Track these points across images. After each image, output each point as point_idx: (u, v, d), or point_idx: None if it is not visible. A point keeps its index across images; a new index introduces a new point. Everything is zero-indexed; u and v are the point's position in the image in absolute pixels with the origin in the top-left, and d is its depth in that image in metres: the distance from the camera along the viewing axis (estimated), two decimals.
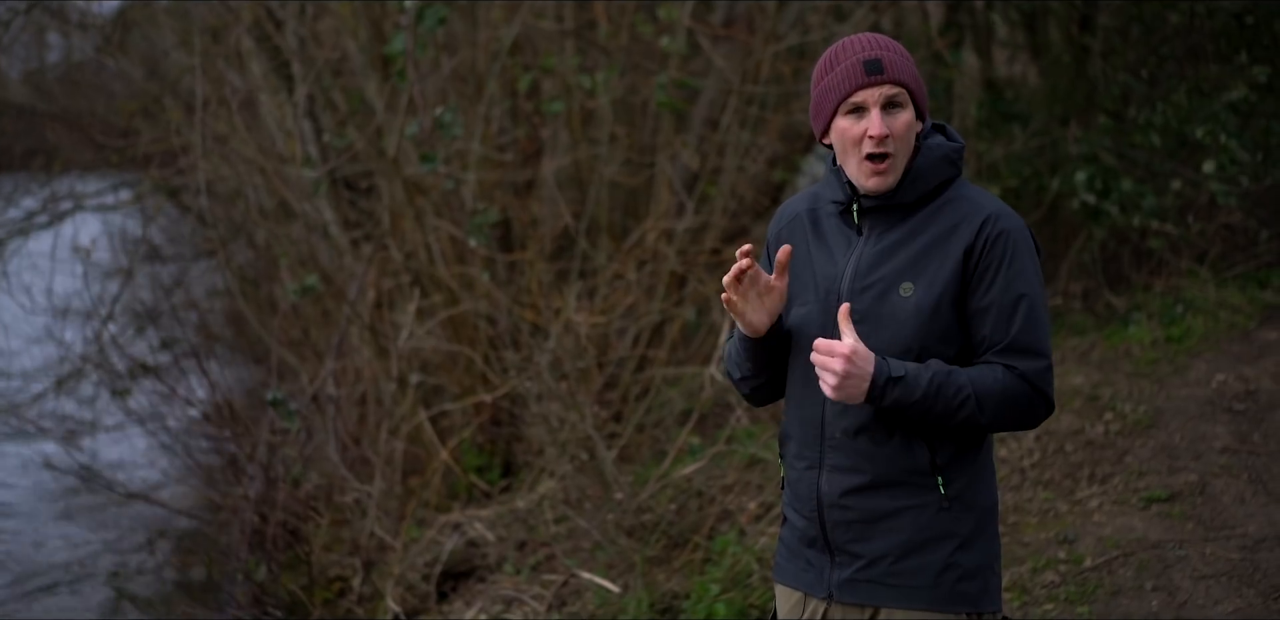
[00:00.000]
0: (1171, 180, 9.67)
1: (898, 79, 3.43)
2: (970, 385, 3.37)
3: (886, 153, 3.44)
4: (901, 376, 3.33)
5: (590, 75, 9.36)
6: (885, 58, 3.44)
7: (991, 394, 3.38)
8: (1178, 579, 6.07)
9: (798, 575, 3.67)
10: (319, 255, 10.11)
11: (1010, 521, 6.78)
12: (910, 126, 3.46)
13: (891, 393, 3.33)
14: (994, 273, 3.43)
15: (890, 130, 3.42)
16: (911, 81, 3.46)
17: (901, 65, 3.45)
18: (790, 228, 3.71)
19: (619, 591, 6.86)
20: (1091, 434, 7.43)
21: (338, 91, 10.10)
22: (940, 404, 3.35)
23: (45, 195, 13.18)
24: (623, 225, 9.90)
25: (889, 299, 3.46)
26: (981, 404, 3.36)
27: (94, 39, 13.77)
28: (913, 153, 3.51)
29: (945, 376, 3.36)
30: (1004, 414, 3.41)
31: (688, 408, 8.52)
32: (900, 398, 3.34)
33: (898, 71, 3.43)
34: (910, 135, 3.47)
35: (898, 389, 3.33)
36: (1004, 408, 3.40)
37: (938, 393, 3.34)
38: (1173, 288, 9.29)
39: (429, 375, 9.34)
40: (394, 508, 8.33)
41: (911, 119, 3.46)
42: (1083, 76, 10.65)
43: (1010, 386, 3.40)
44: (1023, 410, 3.44)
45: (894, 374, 3.33)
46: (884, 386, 3.33)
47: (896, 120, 3.44)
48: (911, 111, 3.47)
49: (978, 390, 3.37)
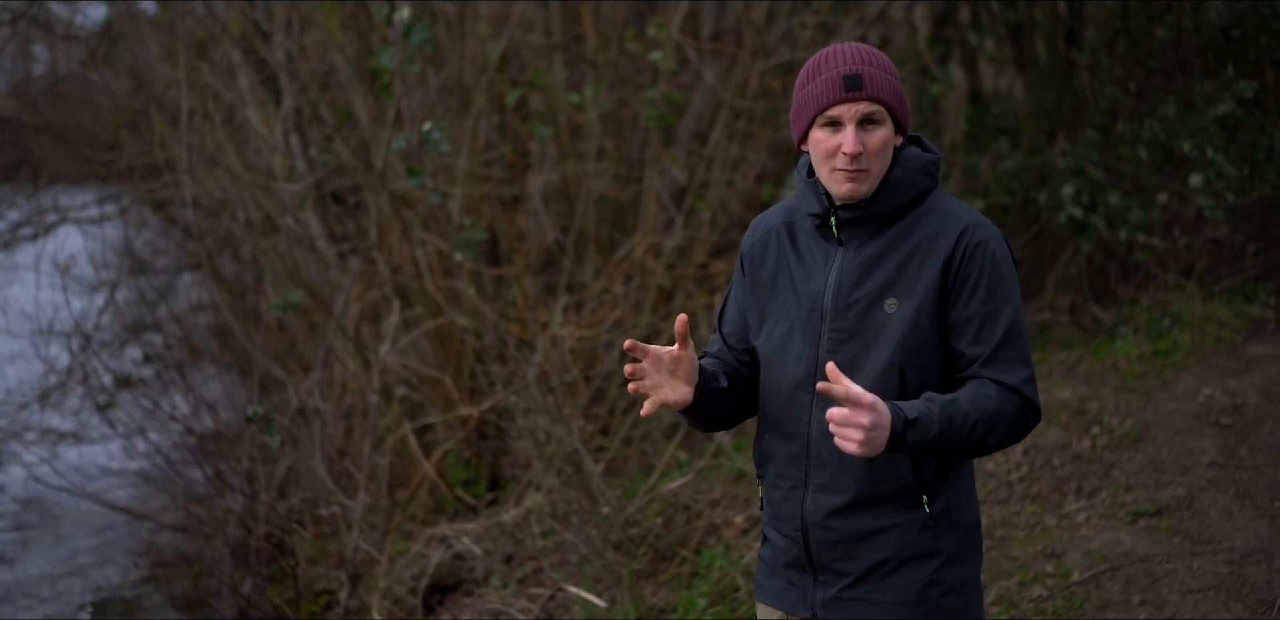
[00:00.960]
0: (1158, 194, 9.69)
1: (876, 96, 3.41)
2: (975, 410, 3.32)
3: (858, 169, 3.42)
4: (916, 418, 3.25)
5: (578, 91, 9.36)
6: (866, 73, 3.41)
7: (990, 413, 3.34)
8: (1165, 593, 6.06)
9: (779, 595, 3.66)
10: (305, 269, 10.09)
11: (998, 535, 6.78)
12: (886, 143, 3.44)
13: (910, 436, 3.25)
14: (974, 284, 3.42)
15: (864, 147, 3.41)
16: (891, 98, 3.44)
17: (882, 81, 3.43)
18: (764, 241, 3.70)
19: (605, 605, 6.84)
20: (1079, 448, 7.43)
21: (325, 105, 10.09)
22: (954, 436, 3.30)
23: (30, 208, 13.16)
24: (610, 239, 9.89)
25: (874, 316, 3.44)
26: (989, 426, 3.33)
27: (80, 51, 13.76)
28: (890, 164, 3.50)
29: (951, 407, 3.31)
30: (1005, 433, 3.38)
31: (675, 421, 8.51)
32: (918, 439, 3.26)
33: (877, 88, 3.41)
34: (885, 151, 3.45)
35: (915, 431, 3.25)
36: (1003, 424, 3.37)
37: (949, 424, 3.28)
38: (1159, 302, 9.30)
39: (414, 389, 9.32)
40: (380, 521, 8.30)
41: (888, 135, 3.44)
42: (1070, 90, 10.67)
43: (1003, 402, 3.38)
44: (1017, 423, 3.41)
45: (909, 417, 3.25)
46: (903, 431, 3.24)
47: (872, 137, 3.42)
48: (889, 128, 3.45)
49: (982, 412, 3.33)
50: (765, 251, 3.67)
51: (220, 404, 10.68)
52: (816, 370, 3.47)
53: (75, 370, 11.76)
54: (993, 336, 3.41)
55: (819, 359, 3.46)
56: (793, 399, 3.54)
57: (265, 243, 10.47)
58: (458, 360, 9.13)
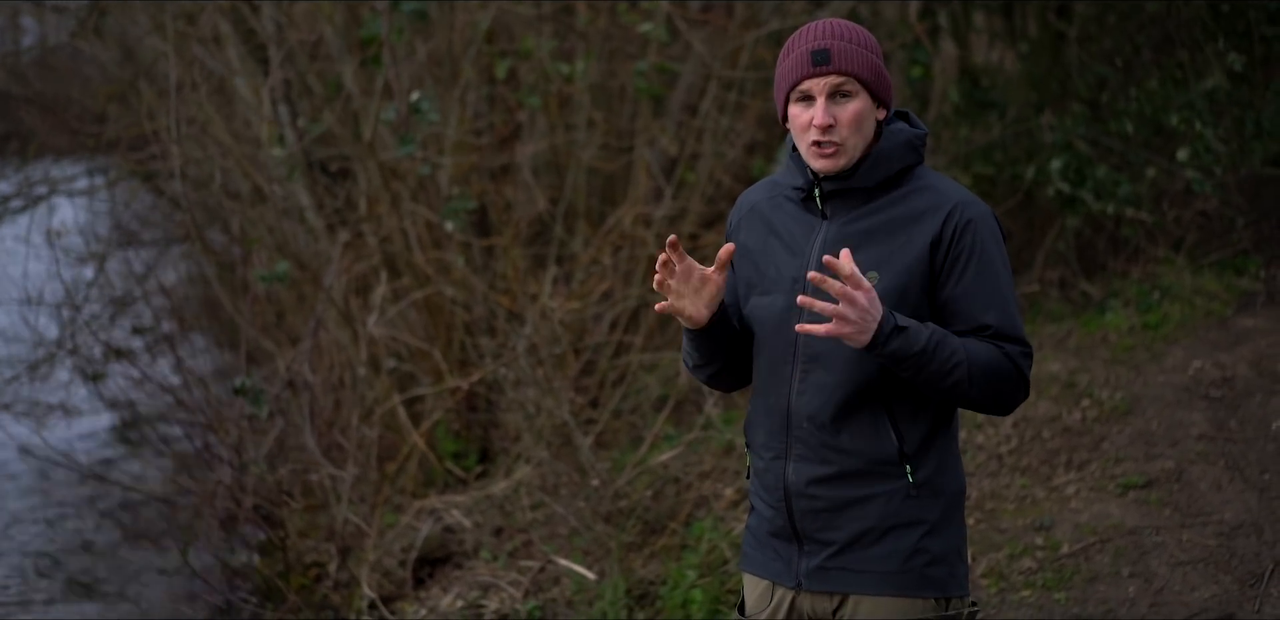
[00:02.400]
0: (1146, 168, 9.67)
1: (844, 69, 3.42)
2: (964, 351, 3.36)
3: (831, 141, 3.44)
4: (905, 327, 3.30)
5: (568, 62, 9.33)
6: (835, 47, 3.43)
7: (982, 362, 3.37)
8: (1154, 565, 6.09)
9: (765, 565, 3.68)
10: (294, 240, 10.07)
11: (987, 508, 6.79)
12: (859, 115, 3.46)
13: (893, 341, 3.30)
14: (964, 262, 3.44)
15: (836, 119, 3.43)
16: (862, 70, 3.45)
17: (852, 54, 3.44)
18: (750, 216, 3.73)
19: (595, 578, 6.86)
20: (1069, 421, 7.44)
21: (313, 76, 10.05)
22: (935, 363, 3.33)
23: (19, 180, 13.13)
24: (600, 211, 9.87)
25: None
26: (972, 371, 3.36)
27: (69, 23, 13.69)
28: (874, 138, 3.52)
29: (943, 336, 3.35)
30: (990, 387, 3.40)
31: (664, 394, 8.51)
32: (899, 349, 3.30)
33: (846, 62, 3.43)
34: (860, 123, 3.46)
35: (899, 339, 3.30)
36: (991, 380, 3.39)
37: (935, 350, 3.32)
38: (1149, 275, 9.29)
39: (403, 361, 9.31)
40: (369, 494, 8.30)
41: (861, 108, 3.46)
42: (1059, 64, 10.64)
43: (999, 361, 3.40)
44: (1006, 388, 3.43)
45: (899, 323, 3.30)
46: (889, 334, 3.28)
47: (843, 110, 3.44)
48: (863, 100, 3.46)
49: (971, 356, 3.36)
50: (751, 226, 3.71)
51: (209, 376, 10.68)
52: (797, 341, 3.50)
53: (65, 342, 11.76)
54: (986, 314, 3.43)
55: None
56: (775, 370, 3.56)
57: (253, 214, 10.44)
58: (447, 332, 9.11)
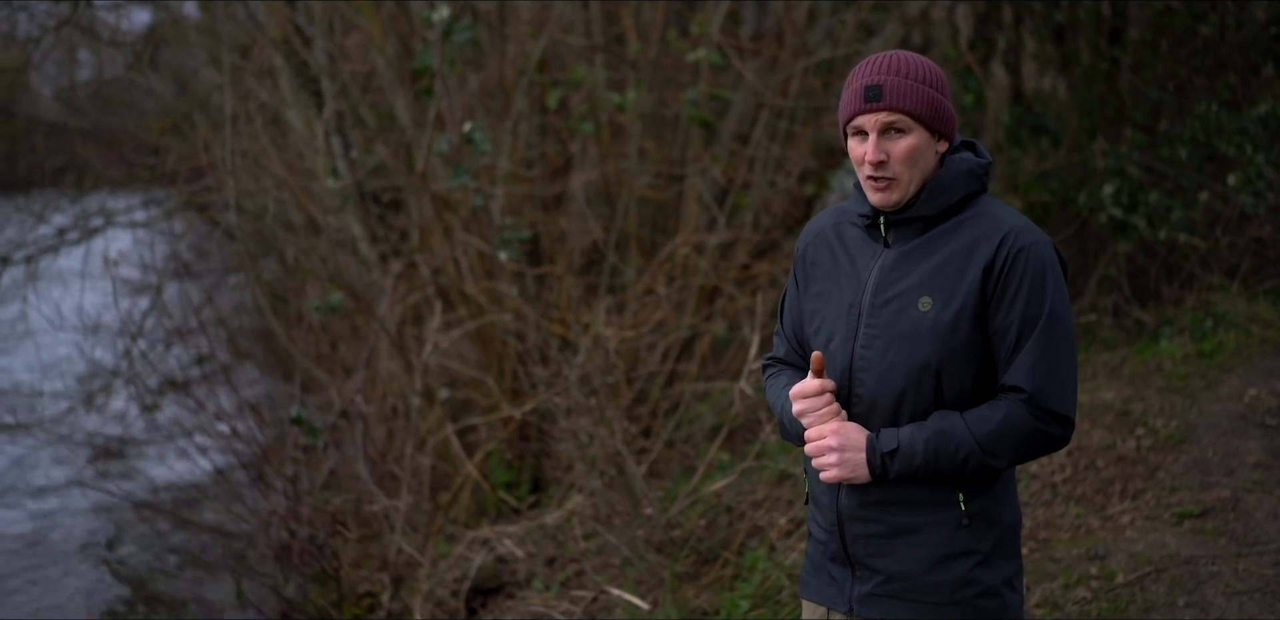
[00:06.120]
0: (1199, 194, 9.62)
1: (896, 106, 3.44)
2: (968, 435, 3.39)
3: (884, 176, 3.47)
4: (894, 449, 3.40)
5: (619, 92, 9.36)
6: (888, 83, 3.44)
7: (992, 437, 3.40)
8: (1210, 595, 6.03)
9: (821, 590, 3.69)
10: (347, 271, 10.13)
11: (1041, 537, 6.75)
12: (913, 150, 3.47)
13: (892, 466, 3.41)
14: (1015, 291, 3.42)
15: (888, 154, 3.46)
16: (917, 106, 3.45)
17: (906, 90, 3.45)
18: (816, 243, 3.74)
19: (648, 608, 6.84)
20: (1123, 449, 7.39)
21: (366, 107, 10.13)
22: (945, 463, 3.40)
23: (76, 212, 13.25)
24: (652, 240, 9.89)
25: (908, 314, 3.45)
26: (988, 450, 3.39)
27: (124, 56, 13.85)
28: (936, 167, 3.53)
29: (940, 437, 3.39)
30: (1016, 449, 3.42)
31: (717, 423, 8.50)
32: (902, 469, 3.41)
33: (898, 98, 3.44)
34: (914, 158, 3.47)
35: (896, 461, 3.41)
36: (1011, 444, 3.41)
37: (936, 455, 3.38)
38: (1203, 302, 9.23)
39: (457, 391, 9.34)
40: (422, 523, 8.32)
41: (915, 143, 3.47)
42: (1112, 90, 10.62)
43: (1014, 420, 3.40)
44: (1033, 439, 3.43)
45: (885, 449, 3.41)
46: (882, 463, 3.41)
47: (896, 145, 3.46)
48: (917, 136, 3.47)
49: (978, 438, 3.39)
50: (817, 252, 3.72)
51: (263, 406, 10.73)
52: (851, 366, 3.51)
53: (121, 372, 11.84)
54: (1030, 345, 3.41)
55: (854, 355, 3.50)
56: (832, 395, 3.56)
57: (307, 244, 10.51)
58: (500, 362, 9.14)
